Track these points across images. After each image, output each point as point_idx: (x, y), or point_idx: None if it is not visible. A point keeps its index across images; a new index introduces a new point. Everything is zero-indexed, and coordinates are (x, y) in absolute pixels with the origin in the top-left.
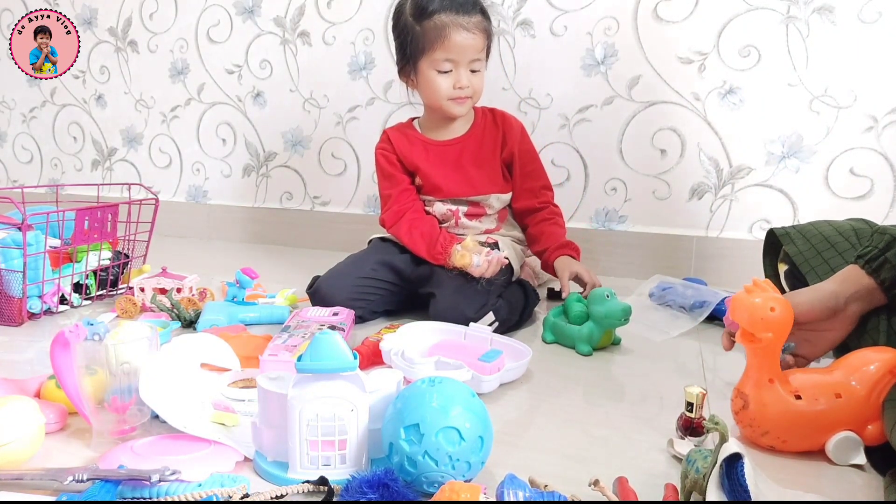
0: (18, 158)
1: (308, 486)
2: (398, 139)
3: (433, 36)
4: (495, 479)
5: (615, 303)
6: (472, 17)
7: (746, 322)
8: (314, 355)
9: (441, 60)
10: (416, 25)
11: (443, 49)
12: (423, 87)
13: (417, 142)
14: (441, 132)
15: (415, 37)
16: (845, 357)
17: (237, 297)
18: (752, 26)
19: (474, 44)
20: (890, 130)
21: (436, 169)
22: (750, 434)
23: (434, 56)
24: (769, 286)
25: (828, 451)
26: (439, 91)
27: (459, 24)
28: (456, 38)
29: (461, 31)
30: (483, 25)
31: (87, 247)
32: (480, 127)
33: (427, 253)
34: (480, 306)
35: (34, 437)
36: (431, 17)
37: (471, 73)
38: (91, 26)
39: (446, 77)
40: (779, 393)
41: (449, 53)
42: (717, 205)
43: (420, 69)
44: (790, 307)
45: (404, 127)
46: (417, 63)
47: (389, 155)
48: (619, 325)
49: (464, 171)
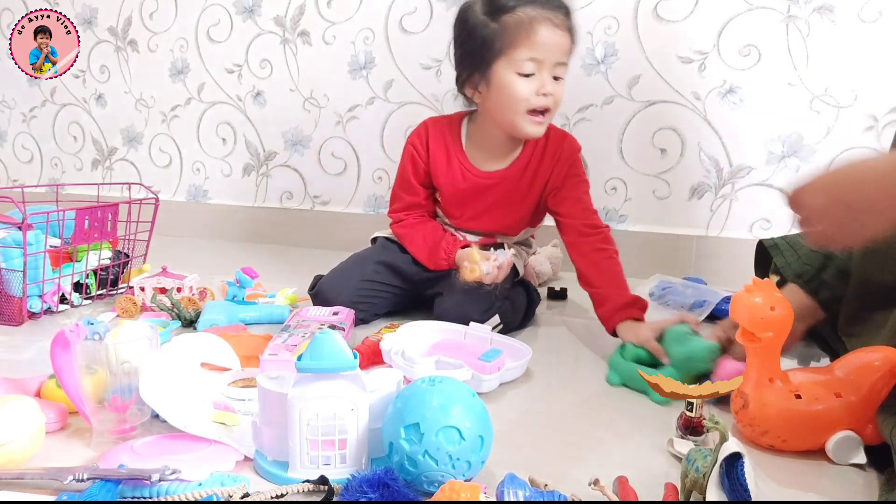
0: (18, 158)
1: (308, 486)
2: (437, 148)
3: (516, 31)
4: (495, 479)
5: (699, 342)
6: (560, 13)
7: (747, 321)
8: (314, 355)
9: (524, 60)
10: (491, 23)
11: (528, 46)
12: (495, 96)
13: (454, 157)
14: (487, 157)
15: (489, 35)
16: (844, 357)
17: (237, 297)
18: (752, 26)
19: (563, 44)
20: (890, 130)
21: (462, 198)
22: (750, 433)
23: (516, 55)
24: (769, 286)
25: (828, 450)
26: (518, 98)
27: (548, 18)
28: (544, 32)
29: (550, 26)
30: (570, 25)
31: (87, 246)
32: (526, 158)
33: (428, 259)
34: (486, 309)
35: (34, 436)
36: (513, 11)
37: (553, 81)
38: (91, 26)
39: (527, 81)
40: (779, 392)
41: (534, 52)
42: (718, 204)
43: (494, 73)
44: (790, 306)
45: (450, 133)
46: (492, 66)
47: (418, 161)
48: (704, 369)
49: (490, 210)
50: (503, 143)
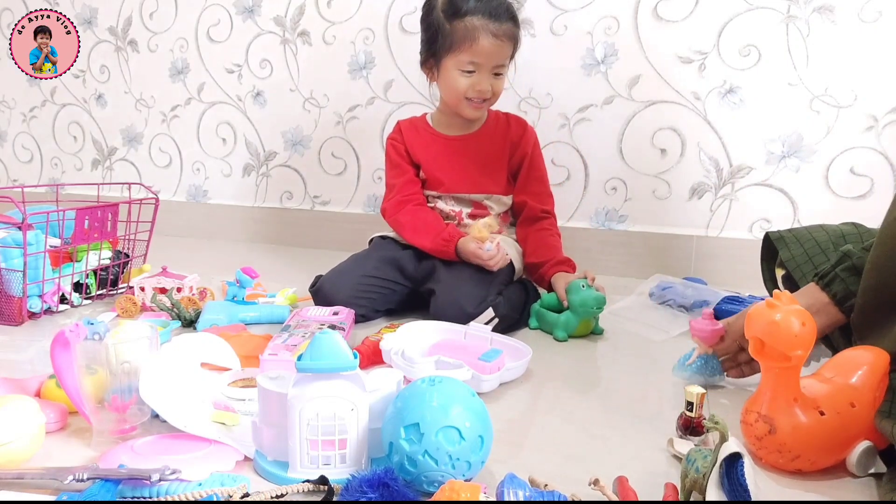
0: (18, 158)
1: (308, 486)
2: (408, 130)
3: (462, 37)
4: (495, 479)
5: (589, 292)
6: (503, 25)
7: (774, 340)
8: (314, 355)
9: (466, 62)
10: (446, 23)
11: (469, 52)
12: (443, 82)
13: (426, 133)
14: (451, 127)
15: (443, 33)
16: (833, 360)
17: (237, 297)
18: (752, 26)
19: (501, 51)
20: (890, 130)
21: (439, 162)
22: (776, 460)
23: (460, 57)
24: (790, 300)
25: (850, 464)
26: (458, 90)
27: (490, 30)
28: (484, 43)
29: (490, 37)
30: (512, 33)
31: (87, 246)
32: (491, 127)
33: (432, 242)
34: (479, 301)
35: (34, 436)
36: (463, 17)
37: (493, 77)
38: (91, 26)
39: (468, 77)
40: (806, 413)
41: (475, 57)
42: (717, 204)
43: (443, 65)
44: (814, 319)
45: (416, 120)
46: (442, 59)
47: (398, 145)
48: (593, 313)
49: (466, 167)
50: (461, 117)
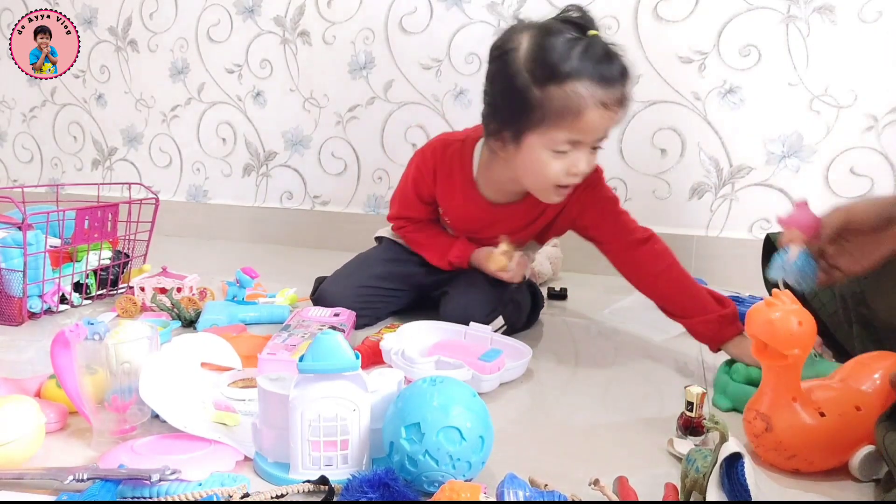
0: (18, 158)
1: (308, 486)
2: (444, 177)
3: (561, 111)
4: (495, 479)
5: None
6: (615, 90)
7: (772, 338)
8: (316, 355)
9: (562, 141)
10: (535, 89)
11: (570, 130)
12: (522, 162)
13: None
14: (501, 194)
15: (530, 102)
16: (849, 364)
17: (237, 297)
18: (752, 26)
19: (610, 124)
20: (890, 130)
21: (470, 223)
22: (774, 458)
23: (554, 135)
24: (790, 298)
25: (852, 468)
26: (547, 176)
27: (601, 101)
28: (592, 117)
29: (601, 109)
30: (624, 98)
31: (87, 246)
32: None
33: (441, 260)
34: (491, 311)
35: (34, 436)
36: (563, 83)
37: (591, 152)
38: (91, 26)
39: (561, 159)
40: (804, 412)
41: (577, 135)
42: (718, 204)
43: (526, 142)
44: (813, 319)
45: (460, 161)
46: (524, 134)
47: (422, 186)
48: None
49: (499, 230)
50: (518, 186)
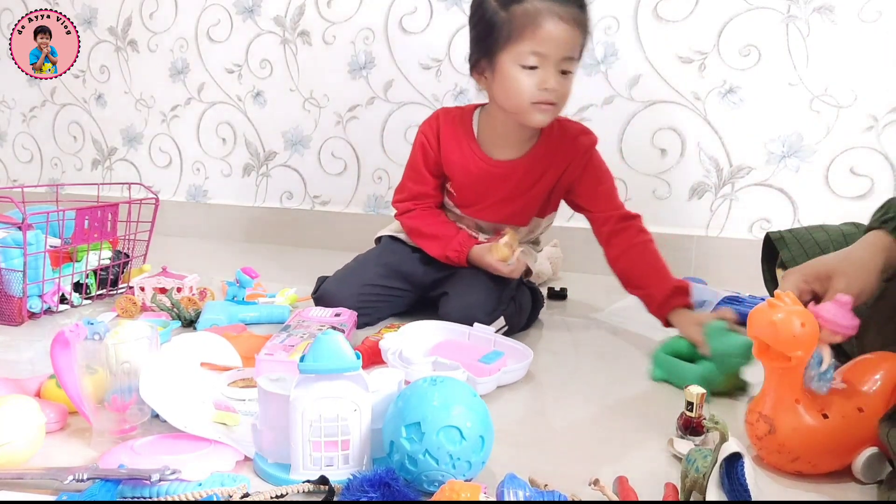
0: (18, 158)
1: (308, 486)
2: (448, 138)
3: (522, 23)
4: (495, 479)
5: (735, 338)
6: (570, 7)
7: (775, 340)
8: (317, 356)
9: (527, 53)
10: (501, 10)
11: (532, 39)
12: (499, 85)
13: (469, 152)
14: (501, 149)
15: (498, 24)
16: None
17: (237, 297)
18: (752, 26)
19: (570, 38)
20: (890, 130)
21: (475, 186)
22: (777, 461)
23: (520, 48)
24: (793, 299)
25: (855, 470)
26: (521, 92)
27: (556, 12)
28: (550, 27)
29: (557, 20)
30: (582, 19)
31: (87, 246)
32: (543, 148)
33: (440, 252)
34: (492, 310)
35: (34, 436)
36: (523, 1)
37: (560, 75)
38: (91, 26)
39: (530, 75)
40: (807, 414)
41: (538, 46)
42: (718, 204)
43: (499, 63)
44: (815, 321)
45: (461, 123)
46: (497, 56)
47: (429, 151)
48: (739, 364)
49: (504, 196)
50: (515, 132)
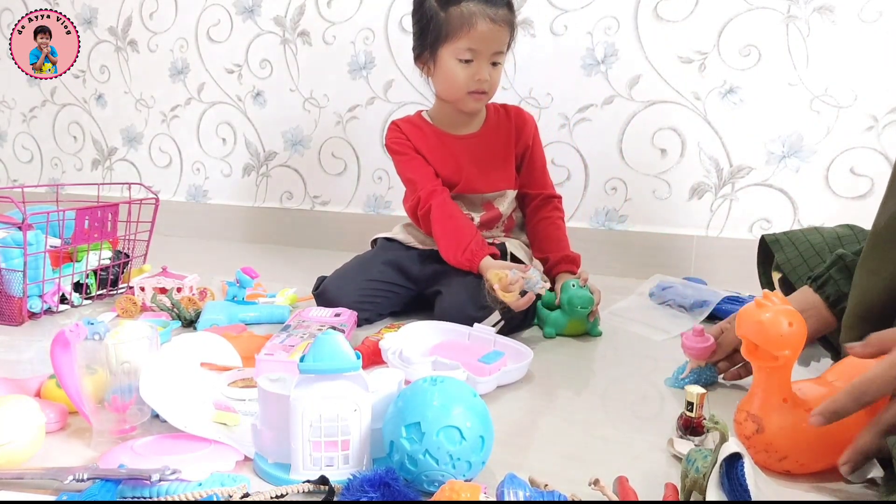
0: (18, 158)
1: (308, 486)
2: (410, 130)
3: (459, 24)
4: (495, 479)
5: (578, 291)
6: (499, 10)
7: (762, 339)
8: (317, 356)
9: (463, 49)
10: (440, 11)
11: (467, 38)
12: (440, 76)
13: (431, 134)
14: (455, 126)
15: (438, 22)
16: (840, 364)
17: (237, 297)
18: (752, 26)
19: (499, 36)
20: (890, 130)
21: (450, 162)
22: (765, 460)
23: (457, 45)
24: (781, 299)
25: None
26: (458, 82)
27: (487, 14)
28: (482, 28)
29: (488, 21)
30: (509, 19)
31: (87, 246)
32: (494, 122)
33: (454, 257)
34: (484, 305)
35: (34, 436)
36: (458, 4)
37: (491, 66)
38: (91, 26)
39: (466, 67)
40: (795, 414)
41: (473, 43)
42: (718, 204)
43: (440, 57)
44: (804, 321)
45: (414, 119)
46: (437, 50)
47: (403, 141)
48: (579, 313)
49: (479, 166)
50: (461, 114)
